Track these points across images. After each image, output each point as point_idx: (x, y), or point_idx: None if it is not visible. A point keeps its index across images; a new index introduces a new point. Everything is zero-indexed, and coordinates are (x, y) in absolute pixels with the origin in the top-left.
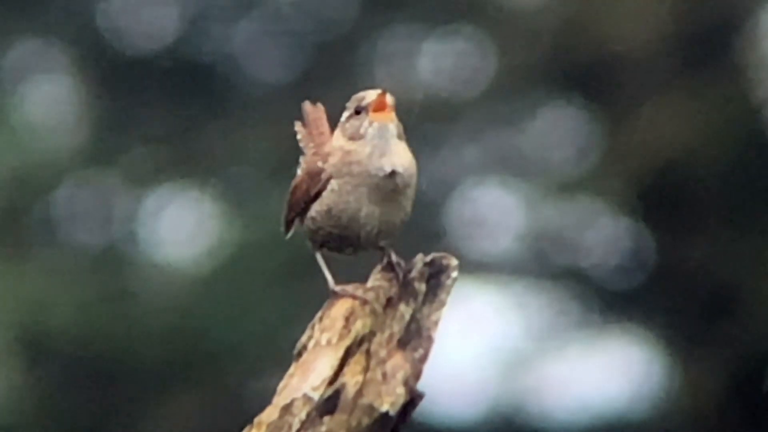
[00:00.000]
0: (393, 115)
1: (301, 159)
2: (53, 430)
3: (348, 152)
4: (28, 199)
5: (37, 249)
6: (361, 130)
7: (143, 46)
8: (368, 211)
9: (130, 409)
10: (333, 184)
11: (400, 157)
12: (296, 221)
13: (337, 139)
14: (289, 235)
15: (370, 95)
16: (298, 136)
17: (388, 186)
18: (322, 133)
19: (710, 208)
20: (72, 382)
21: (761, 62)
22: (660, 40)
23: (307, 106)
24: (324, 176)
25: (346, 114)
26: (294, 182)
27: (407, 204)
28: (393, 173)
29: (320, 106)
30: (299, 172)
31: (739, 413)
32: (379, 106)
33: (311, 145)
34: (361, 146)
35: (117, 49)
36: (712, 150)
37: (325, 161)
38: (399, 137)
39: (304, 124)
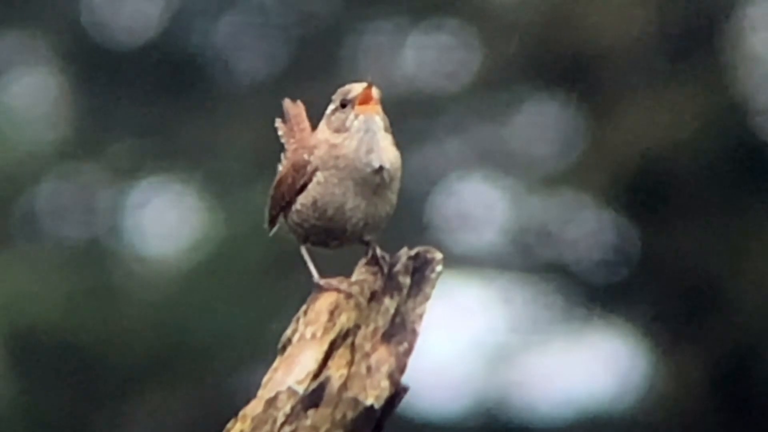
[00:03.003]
0: (379, 108)
1: (283, 156)
2: (36, 424)
3: (334, 145)
4: (11, 192)
5: (21, 243)
6: (347, 123)
7: (127, 40)
8: (354, 204)
9: (114, 402)
10: (319, 176)
11: (387, 152)
12: (280, 217)
13: (323, 132)
14: (273, 231)
15: (356, 88)
16: (279, 133)
17: (374, 180)
18: (303, 130)
19: (693, 202)
20: (56, 375)
21: (743, 57)
22: (643, 34)
23: (287, 103)
24: (310, 168)
25: (331, 107)
26: (278, 177)
27: (393, 197)
28: (380, 168)
29: (300, 104)
30: (281, 168)
31: (723, 406)
32: (365, 99)
33: (292, 141)
34: (347, 140)
35: (101, 42)
36: (695, 144)
37: (310, 153)
38: (386, 130)
39: (284, 121)
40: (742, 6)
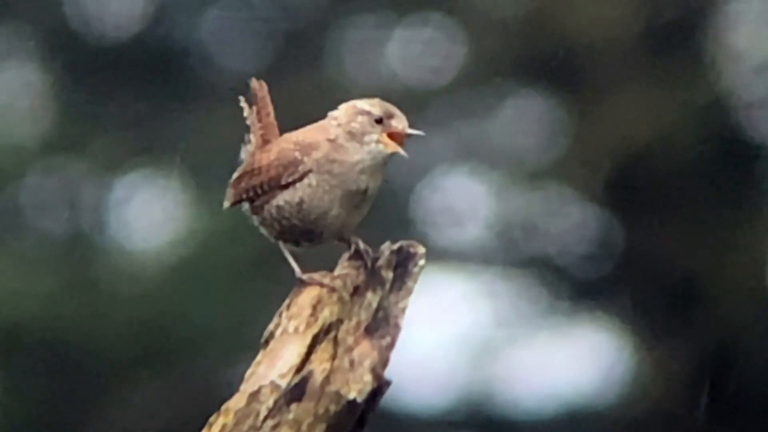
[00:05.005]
0: (400, 149)
1: (248, 137)
2: (22, 419)
3: (337, 148)
4: None
5: (4, 238)
6: (366, 138)
7: (111, 33)
8: (337, 213)
9: (99, 397)
10: (311, 178)
11: (377, 181)
12: (245, 203)
13: (331, 128)
14: (227, 206)
15: (400, 121)
16: (245, 114)
17: (358, 197)
18: (268, 114)
19: (677, 197)
20: (40, 371)
21: (727, 52)
22: (627, 30)
23: (254, 83)
24: (302, 169)
25: (362, 105)
26: (256, 164)
27: (366, 209)
28: (365, 191)
29: (264, 84)
30: (247, 150)
31: (706, 400)
32: (399, 138)
33: (259, 126)
34: (352, 148)
35: (84, 36)
36: (679, 139)
37: (305, 154)
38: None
39: (249, 101)
40: (724, 1)
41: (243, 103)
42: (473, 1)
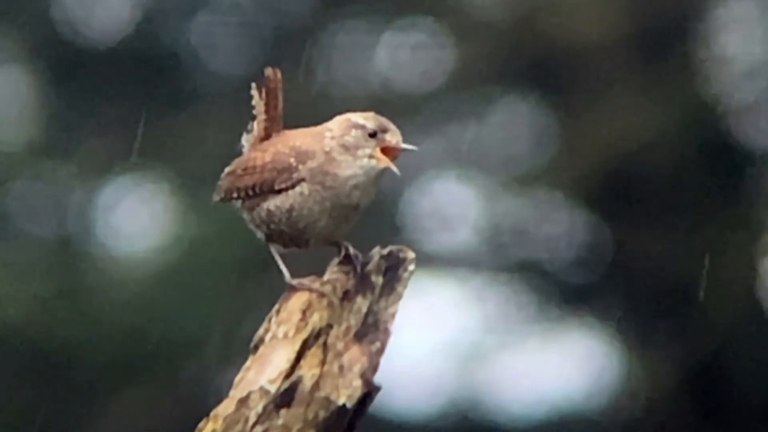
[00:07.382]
0: (392, 166)
1: (252, 126)
2: (8, 424)
3: (330, 161)
4: None
5: None
6: (359, 153)
7: (99, 38)
8: (325, 224)
9: (87, 403)
10: (303, 187)
11: (369, 197)
12: (234, 200)
13: (326, 140)
14: (216, 200)
15: (394, 136)
16: (253, 102)
17: (348, 210)
18: (276, 106)
19: (667, 201)
20: (28, 376)
21: (715, 56)
22: (616, 34)
23: (269, 71)
24: (296, 176)
25: (355, 119)
26: (252, 161)
27: (357, 219)
28: (357, 206)
29: (279, 74)
30: (247, 140)
31: (695, 405)
32: (393, 154)
33: (264, 118)
34: (345, 162)
35: (72, 40)
36: (668, 144)
37: (301, 162)
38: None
39: (260, 89)
40: (713, 6)
41: (254, 91)
42: (462, 6)
